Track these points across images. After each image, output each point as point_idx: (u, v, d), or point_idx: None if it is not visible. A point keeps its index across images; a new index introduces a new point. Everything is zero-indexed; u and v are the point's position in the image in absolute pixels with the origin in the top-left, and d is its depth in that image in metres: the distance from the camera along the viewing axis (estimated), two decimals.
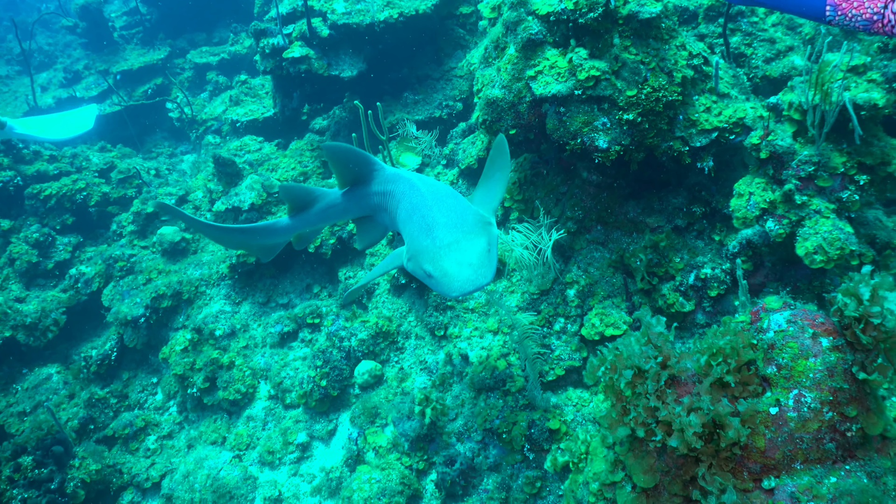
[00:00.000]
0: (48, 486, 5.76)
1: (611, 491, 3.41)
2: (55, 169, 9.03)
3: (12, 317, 7.42)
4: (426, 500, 5.24)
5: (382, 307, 6.38)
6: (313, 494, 5.64)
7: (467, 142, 7.05)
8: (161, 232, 7.96)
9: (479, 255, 3.41)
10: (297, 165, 7.71)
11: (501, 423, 4.97)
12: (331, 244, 6.89)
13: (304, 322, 6.69)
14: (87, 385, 7.18)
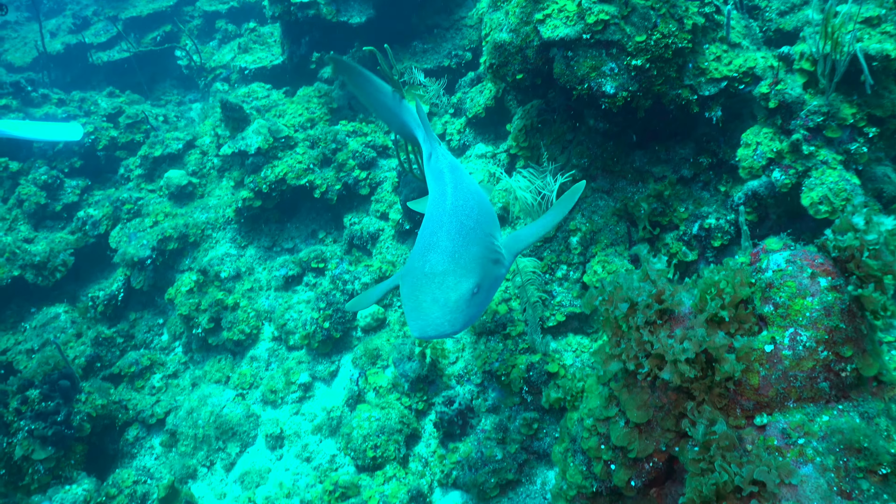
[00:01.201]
0: (55, 418, 5.86)
1: (604, 426, 3.45)
2: (63, 112, 9.03)
3: (21, 256, 7.49)
4: (424, 439, 5.32)
5: (386, 252, 6.41)
6: (314, 433, 5.73)
7: (475, 91, 7.01)
8: (168, 175, 7.98)
9: (460, 297, 3.03)
10: (305, 112, 7.68)
11: (501, 366, 5.02)
12: (336, 190, 6.90)
13: (308, 266, 6.73)
14: (94, 325, 7.28)
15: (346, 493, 4.96)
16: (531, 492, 4.83)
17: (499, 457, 4.84)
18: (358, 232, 6.63)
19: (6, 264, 7.42)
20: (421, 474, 5.13)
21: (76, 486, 5.72)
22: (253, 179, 6.93)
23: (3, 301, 7.62)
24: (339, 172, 6.94)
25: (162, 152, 8.38)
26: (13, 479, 5.98)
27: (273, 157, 7.01)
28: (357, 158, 6.99)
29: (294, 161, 6.94)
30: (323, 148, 7.05)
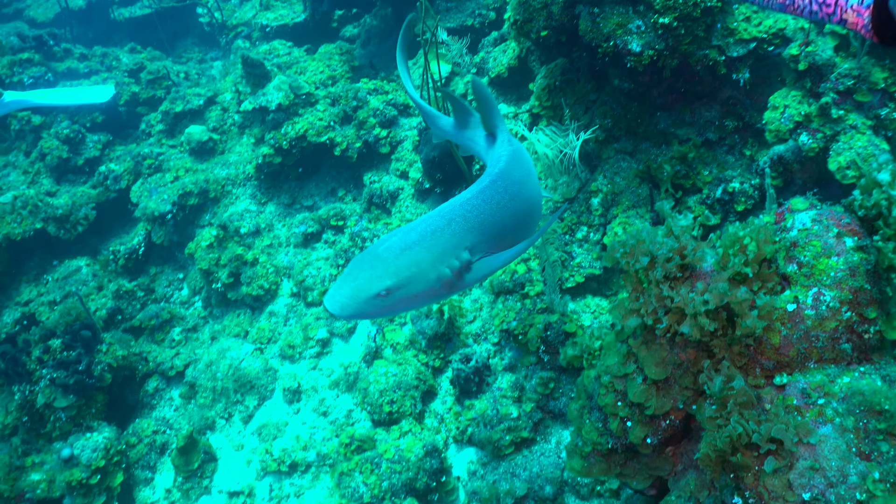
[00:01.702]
0: (76, 367, 5.95)
1: (622, 383, 3.44)
2: (86, 67, 9.04)
3: (43, 209, 7.55)
4: (440, 396, 5.36)
5: (406, 211, 6.40)
6: (331, 388, 5.79)
7: (498, 50, 6.93)
8: (189, 131, 7.99)
9: (364, 290, 2.87)
10: (326, 69, 7.64)
11: (518, 325, 5.02)
12: (357, 148, 6.88)
13: (327, 224, 6.74)
14: (115, 278, 7.34)
15: (362, 447, 5.01)
16: (546, 450, 4.86)
17: (514, 415, 4.87)
18: (377, 190, 6.62)
19: (29, 217, 7.48)
20: (436, 430, 5.17)
21: (97, 434, 5.82)
22: (273, 136, 6.92)
23: (26, 253, 7.70)
24: (360, 130, 6.91)
25: (183, 108, 8.37)
26: (35, 427, 6.09)
27: (294, 114, 6.98)
28: (378, 116, 6.95)
29: (315, 118, 6.92)
30: (344, 105, 7.02)
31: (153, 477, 5.95)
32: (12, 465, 5.84)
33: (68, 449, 5.67)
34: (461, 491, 4.94)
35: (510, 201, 3.34)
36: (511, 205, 3.35)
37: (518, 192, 3.41)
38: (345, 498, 4.74)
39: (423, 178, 6.23)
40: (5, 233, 7.34)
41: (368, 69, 7.94)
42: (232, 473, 5.69)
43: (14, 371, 5.99)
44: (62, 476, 5.66)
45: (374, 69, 7.94)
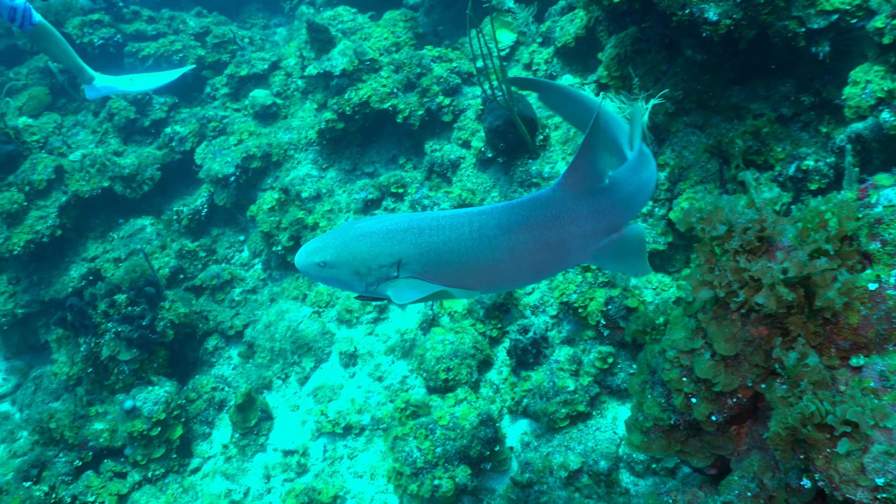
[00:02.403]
0: (140, 322, 6.10)
1: (688, 358, 3.37)
2: (153, 30, 9.17)
3: (111, 168, 7.71)
4: (496, 366, 5.34)
5: (467, 180, 6.35)
6: (387, 353, 5.82)
7: (565, 19, 6.79)
8: (253, 95, 8.05)
9: (309, 257, 2.99)
10: (390, 36, 7.59)
11: (578, 298, 4.96)
12: (419, 115, 6.84)
13: (388, 191, 6.74)
14: (177, 238, 7.49)
15: (416, 412, 5.04)
16: (601, 425, 4.82)
17: (571, 388, 4.83)
18: (439, 159, 6.58)
19: (97, 175, 7.66)
20: (491, 400, 5.16)
21: (158, 388, 5.97)
22: (337, 101, 6.92)
23: (93, 211, 7.90)
24: (423, 98, 6.87)
25: (248, 72, 8.44)
26: (99, 378, 6.28)
27: (357, 80, 6.97)
28: (441, 84, 6.89)
29: (378, 84, 6.90)
30: (407, 72, 6.98)
31: (211, 432, 6.09)
32: (77, 414, 6.04)
33: (131, 401, 5.83)
34: (514, 461, 4.93)
35: (476, 244, 2.96)
36: (474, 247, 2.96)
37: (496, 242, 2.95)
38: (398, 462, 4.77)
39: (485, 147, 6.17)
40: (74, 190, 7.53)
41: (432, 37, 7.88)
42: (287, 433, 5.79)
43: (81, 324, 6.17)
44: (124, 427, 5.83)
45: (438, 37, 7.87)
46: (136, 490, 5.79)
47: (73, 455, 5.91)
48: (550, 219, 2.94)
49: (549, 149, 5.94)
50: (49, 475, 5.75)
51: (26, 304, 7.60)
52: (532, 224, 2.93)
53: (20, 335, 7.85)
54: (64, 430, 5.96)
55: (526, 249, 2.96)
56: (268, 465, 5.64)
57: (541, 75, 6.83)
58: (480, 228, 2.93)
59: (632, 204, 3.13)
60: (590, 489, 4.48)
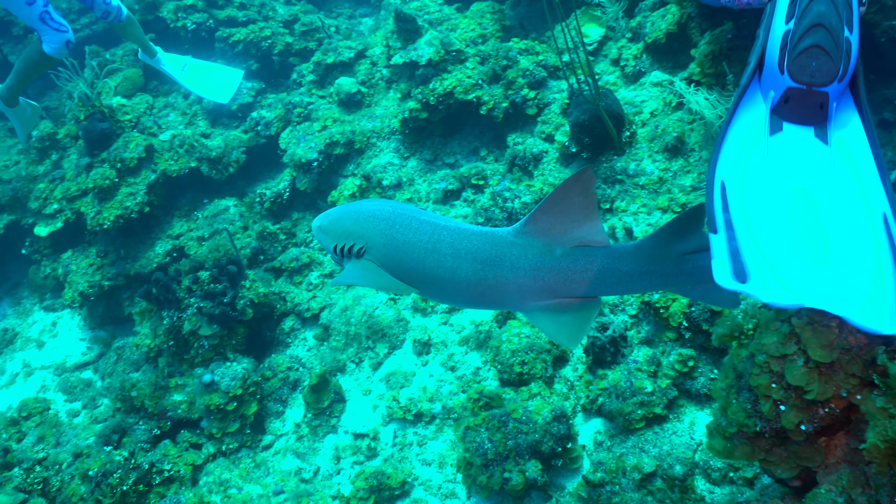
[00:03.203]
0: (221, 299, 6.25)
1: (779, 364, 3.26)
2: (244, 16, 9.35)
3: (198, 149, 7.93)
4: (572, 363, 5.28)
5: (549, 174, 6.30)
6: (461, 344, 5.82)
7: (656, 15, 6.65)
8: (339, 82, 8.15)
9: (324, 216, 3.47)
10: (477, 27, 7.58)
11: (661, 298, 4.86)
12: (503, 107, 6.81)
13: (468, 182, 6.73)
14: (259, 220, 7.65)
15: (489, 404, 5.02)
16: (678, 429, 4.71)
17: (648, 389, 4.74)
18: (521, 152, 6.54)
19: (185, 155, 7.89)
20: (565, 396, 5.11)
21: (236, 364, 6.11)
22: (421, 91, 6.95)
23: (180, 189, 8.13)
24: (508, 90, 6.83)
25: (334, 59, 8.54)
26: (179, 352, 6.47)
27: (443, 70, 6.98)
28: (527, 77, 6.84)
29: (463, 75, 6.89)
30: (493, 64, 6.95)
31: (284, 411, 6.20)
32: (157, 384, 6.23)
33: (209, 375, 5.99)
34: (585, 460, 4.87)
35: (427, 254, 3.07)
36: (424, 257, 3.08)
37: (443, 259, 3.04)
38: (468, 452, 4.77)
39: (569, 141, 6.10)
40: (163, 168, 7.76)
41: (518, 30, 7.83)
42: (358, 416, 5.85)
43: (165, 298, 6.36)
44: (202, 400, 5.99)
45: (524, 30, 7.82)
46: (211, 462, 5.95)
47: (151, 424, 6.10)
48: (493, 258, 2.97)
49: (636, 146, 5.84)
50: (129, 441, 5.95)
51: (112, 276, 7.88)
52: (477, 256, 2.98)
53: (105, 306, 8.14)
54: (144, 399, 6.17)
55: (466, 277, 3.01)
56: (338, 446, 5.71)
57: (629, 71, 6.72)
58: (436, 242, 3.04)
59: (593, 285, 2.97)
60: (663, 493, 4.39)
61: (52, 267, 8.60)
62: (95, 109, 7.96)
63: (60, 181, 8.43)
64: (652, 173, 5.68)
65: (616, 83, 6.78)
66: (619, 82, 6.81)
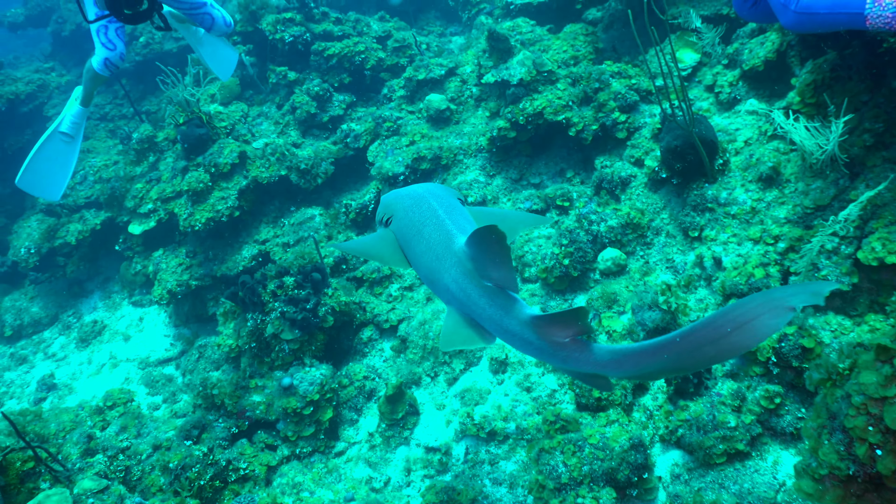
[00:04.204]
0: (304, 305, 6.37)
1: (877, 406, 3.13)
2: (339, 31, 9.59)
3: (289, 158, 8.14)
4: (651, 392, 5.18)
5: (637, 199, 6.22)
6: (538, 365, 5.78)
7: (755, 42, 6.52)
8: (429, 98, 8.26)
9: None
10: (570, 49, 7.57)
11: None
12: (592, 130, 6.77)
13: (553, 203, 6.70)
14: (343, 230, 7.79)
15: (566, 427, 4.96)
16: (761, 468, 4.56)
17: (731, 424, 4.60)
18: (608, 175, 6.48)
19: (276, 164, 8.11)
20: (644, 425, 5.01)
21: (314, 369, 6.21)
22: (511, 110, 6.97)
23: (269, 196, 8.36)
24: (598, 112, 6.79)
25: (425, 76, 8.66)
26: (261, 354, 6.61)
27: (533, 91, 7.00)
28: (618, 100, 6.79)
29: (554, 96, 6.89)
30: (584, 86, 6.93)
31: (358, 419, 6.27)
32: (238, 384, 6.38)
33: (288, 378, 6.10)
34: (661, 491, 4.76)
35: (418, 243, 3.51)
36: (416, 246, 3.52)
37: (430, 258, 3.45)
38: (542, 475, 4.72)
39: (659, 167, 6.01)
40: (254, 175, 7.99)
41: (611, 52, 7.79)
42: (431, 430, 5.86)
43: (250, 300, 6.52)
44: (280, 402, 6.10)
45: (617, 53, 7.77)
46: (285, 464, 6.05)
47: (230, 422, 6.24)
48: (442, 257, 3.36)
49: (728, 174, 5.72)
50: (208, 438, 6.10)
51: (200, 276, 8.14)
52: (435, 251, 3.39)
53: (191, 305, 8.41)
54: (225, 397, 6.32)
55: (424, 264, 3.47)
56: (409, 458, 5.73)
57: (723, 98, 6.59)
58: (422, 227, 3.49)
59: (488, 323, 3.23)
60: None
61: (143, 264, 8.94)
62: (194, 115, 8.28)
63: (156, 182, 8.77)
64: (744, 203, 5.54)
65: (710, 110, 6.66)
66: (713, 109, 6.68)
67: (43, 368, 8.83)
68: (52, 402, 8.20)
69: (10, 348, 9.36)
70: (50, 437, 6.13)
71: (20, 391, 8.60)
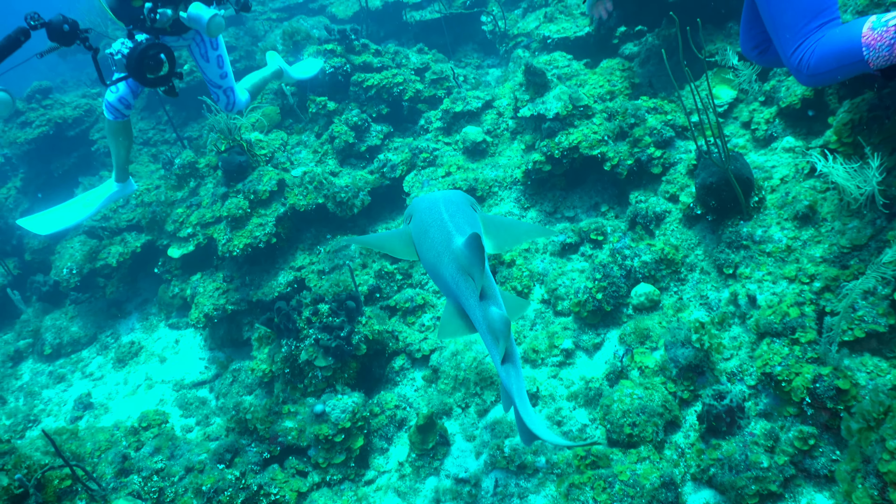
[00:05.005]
0: (338, 332, 6.45)
1: None
2: (378, 62, 9.77)
3: (326, 187, 8.28)
4: (684, 429, 5.15)
5: (671, 235, 6.23)
6: (569, 399, 5.78)
7: (793, 79, 6.53)
8: (465, 130, 8.37)
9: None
10: (606, 84, 7.64)
11: (783, 371, 4.69)
12: (627, 165, 6.82)
13: (587, 237, 6.74)
14: (378, 259, 7.87)
15: (596, 462, 4.95)
16: None
17: (764, 465, 4.56)
18: (643, 210, 6.50)
19: (314, 192, 8.25)
20: (675, 463, 4.98)
21: (346, 397, 6.27)
22: (546, 144, 7.04)
23: (306, 224, 8.50)
24: (633, 148, 6.83)
25: (462, 108, 8.79)
26: (294, 380, 6.69)
27: (569, 125, 7.07)
28: (654, 136, 6.82)
29: (589, 131, 6.95)
30: (620, 121, 6.98)
31: (388, 448, 6.30)
32: (271, 410, 6.45)
33: (321, 405, 6.16)
34: None
35: (425, 240, 4.15)
36: (421, 242, 4.20)
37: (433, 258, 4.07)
38: None
39: (694, 203, 6.02)
40: (292, 203, 8.14)
41: (647, 88, 7.84)
42: (461, 461, 5.87)
43: (285, 326, 6.62)
44: (311, 429, 6.16)
45: (653, 88, 7.82)
46: (315, 490, 6.09)
47: (263, 447, 6.31)
48: (441, 254, 3.96)
49: (764, 211, 5.71)
50: (240, 462, 6.17)
51: (236, 301, 8.27)
52: (436, 247, 4.00)
53: (226, 329, 8.54)
54: (257, 422, 6.40)
55: (428, 260, 4.10)
56: (439, 489, 5.74)
57: (760, 135, 6.60)
58: (429, 227, 4.12)
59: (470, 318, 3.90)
60: None
61: (181, 287, 9.12)
62: (235, 143, 8.47)
63: (196, 207, 8.96)
64: (780, 241, 5.52)
65: (746, 146, 6.67)
66: (749, 146, 6.69)
67: (80, 387, 9.00)
68: (88, 421, 8.35)
69: (49, 366, 9.56)
70: (86, 456, 6.25)
71: (57, 409, 8.77)
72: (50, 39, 5.17)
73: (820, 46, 4.18)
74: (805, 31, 4.24)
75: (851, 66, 4.11)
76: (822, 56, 4.18)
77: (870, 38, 3.96)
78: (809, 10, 4.20)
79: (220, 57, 6.79)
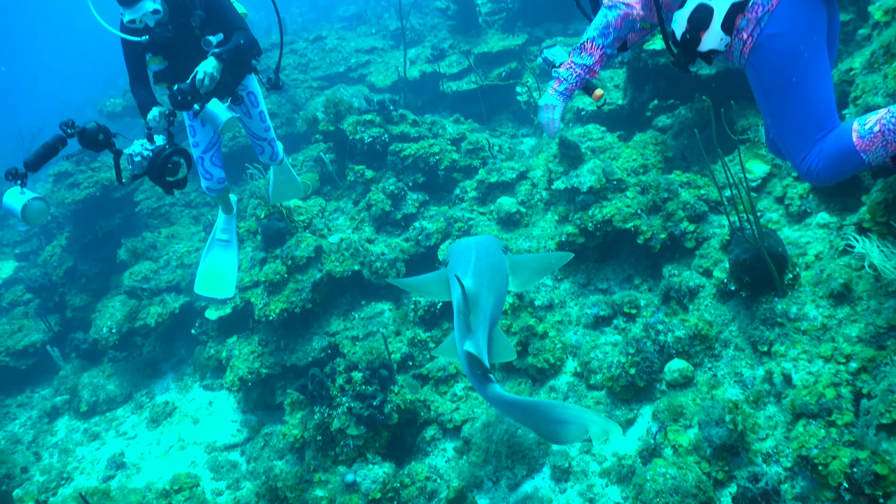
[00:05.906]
0: (371, 401, 6.49)
1: None
2: (416, 133, 10.01)
3: (362, 254, 8.42)
4: None
5: (705, 311, 6.22)
6: (601, 475, 5.72)
7: None
8: (500, 201, 8.49)
9: None
10: (639, 157, 7.75)
11: (819, 454, 4.62)
12: (661, 239, 6.85)
13: (620, 310, 6.75)
14: (411, 326, 7.94)
15: None
16: None
17: None
18: (676, 284, 6.51)
19: (350, 258, 8.39)
20: None
21: (377, 467, 6.27)
22: (580, 217, 7.13)
23: (341, 289, 8.62)
24: (667, 222, 6.88)
25: (497, 179, 8.95)
26: (325, 448, 6.72)
27: (603, 198, 7.16)
28: (687, 210, 6.88)
29: (623, 204, 7.03)
30: (653, 195, 7.05)
31: None
32: (302, 478, 6.47)
33: (352, 475, 6.17)
34: None
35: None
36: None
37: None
38: None
39: (728, 279, 6.03)
40: (328, 269, 8.28)
41: (680, 161, 7.92)
42: None
43: (319, 393, 6.68)
44: (342, 499, 6.15)
45: (686, 161, 7.90)
46: None
47: None
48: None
49: (798, 288, 5.69)
50: None
51: (270, 365, 8.37)
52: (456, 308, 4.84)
53: (259, 393, 8.62)
54: (288, 490, 6.41)
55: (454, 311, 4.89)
56: None
57: (793, 210, 6.61)
58: (455, 266, 5.09)
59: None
60: None
61: (217, 349, 9.25)
62: (275, 209, 8.68)
63: None
64: (815, 319, 5.49)
65: (779, 221, 6.68)
66: (783, 221, 6.70)
67: (114, 446, 9.10)
68: (119, 481, 8.41)
69: (84, 423, 9.70)
70: None
71: (90, 467, 8.86)
72: (82, 146, 5.33)
73: (825, 156, 4.33)
74: (809, 143, 4.39)
75: (857, 168, 4.27)
76: (827, 164, 4.33)
77: (863, 146, 4.13)
78: (810, 126, 4.35)
79: (262, 113, 7.04)
